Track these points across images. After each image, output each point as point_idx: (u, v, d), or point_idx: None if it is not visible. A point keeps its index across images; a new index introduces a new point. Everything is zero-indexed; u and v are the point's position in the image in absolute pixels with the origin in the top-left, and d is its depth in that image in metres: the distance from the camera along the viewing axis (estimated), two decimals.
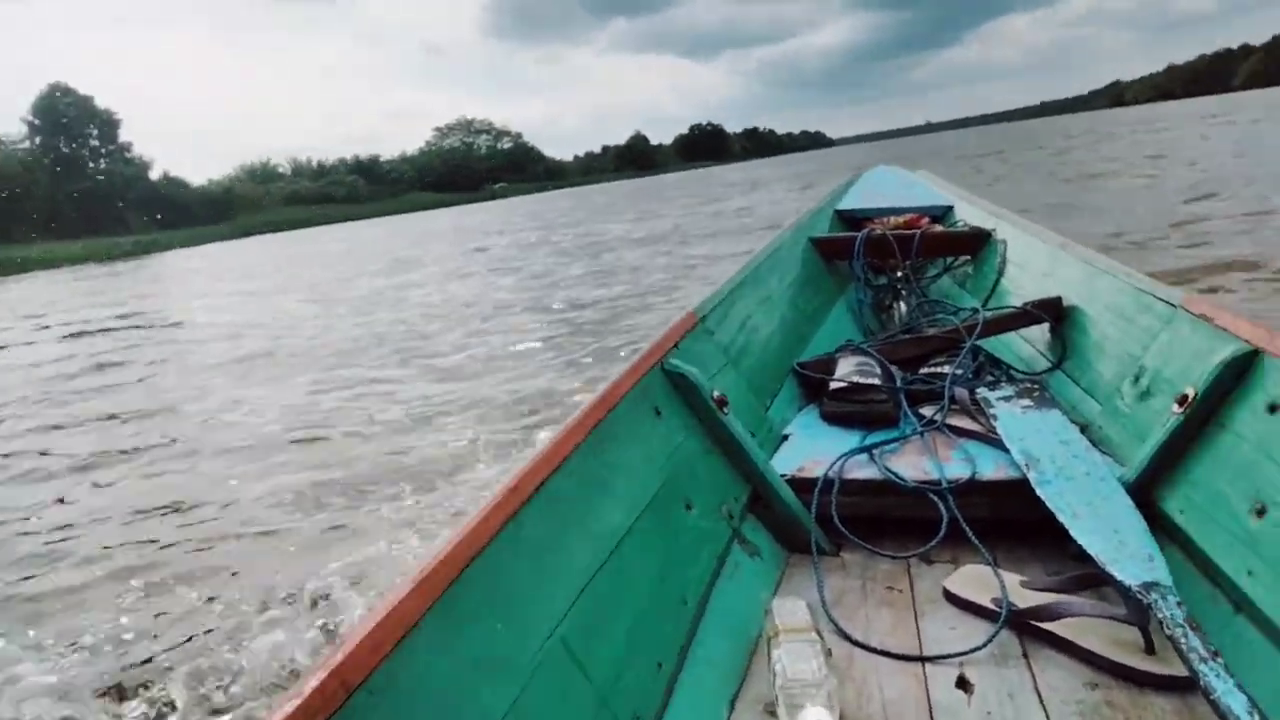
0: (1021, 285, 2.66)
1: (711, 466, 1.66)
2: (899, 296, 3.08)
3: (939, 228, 3.34)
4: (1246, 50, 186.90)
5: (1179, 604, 1.20)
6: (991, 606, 1.39)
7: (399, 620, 0.85)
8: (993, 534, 1.63)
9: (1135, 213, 8.85)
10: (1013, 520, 1.63)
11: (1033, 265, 2.66)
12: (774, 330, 2.41)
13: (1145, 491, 1.51)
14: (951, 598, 1.46)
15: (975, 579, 1.47)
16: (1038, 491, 1.54)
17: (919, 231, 3.12)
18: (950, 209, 3.63)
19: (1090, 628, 1.29)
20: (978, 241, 3.10)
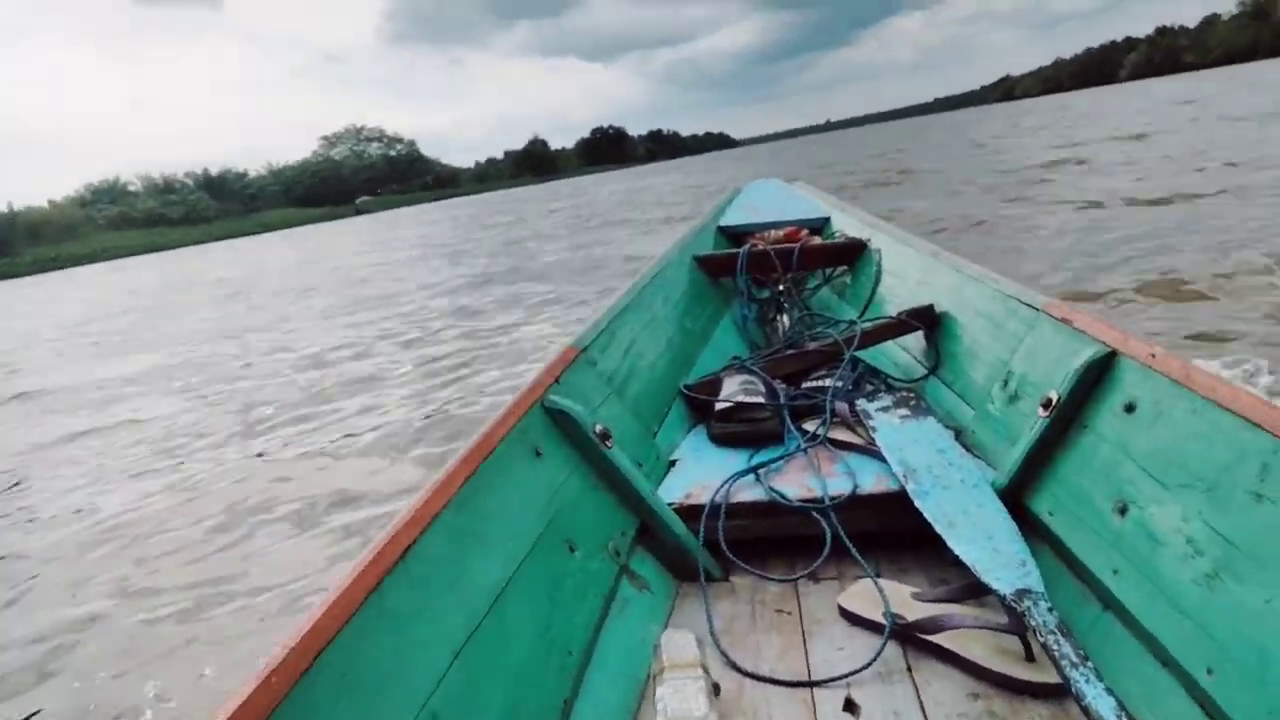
0: (897, 294, 2.74)
1: (597, 503, 1.62)
2: (782, 309, 3.13)
3: (817, 240, 3.42)
4: (1131, 43, 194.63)
5: (1050, 609, 1.23)
6: (883, 621, 1.40)
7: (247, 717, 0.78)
8: (877, 547, 1.65)
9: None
10: (896, 531, 1.66)
11: (907, 274, 2.73)
12: (660, 353, 2.40)
13: (1017, 494, 1.56)
14: (846, 614, 1.47)
15: (867, 594, 1.48)
16: (916, 503, 1.57)
17: (798, 245, 3.17)
18: (828, 220, 3.72)
19: (974, 638, 1.32)
20: (854, 252, 3.18)
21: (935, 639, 1.34)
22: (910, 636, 1.38)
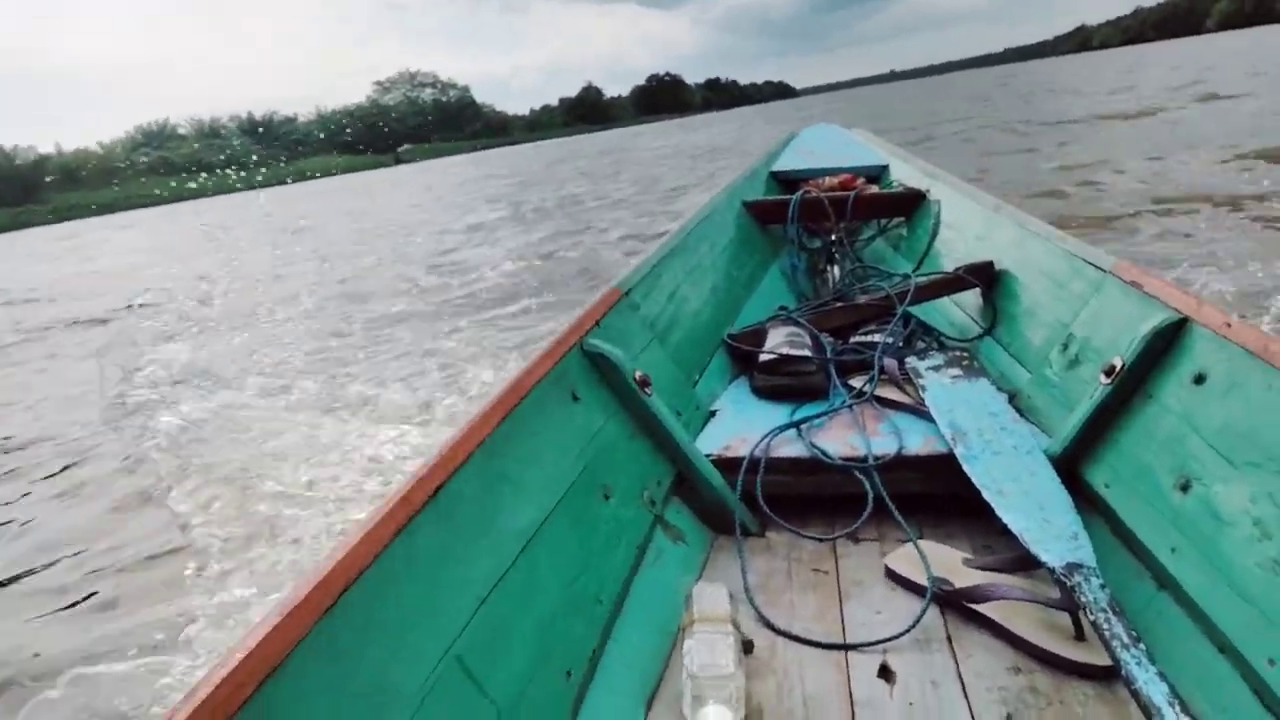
0: (954, 248, 2.63)
1: (633, 450, 1.59)
2: (833, 260, 3.03)
3: (874, 188, 3.30)
4: None
5: (1102, 586, 1.18)
6: (928, 586, 1.35)
7: (266, 655, 0.77)
8: (920, 510, 1.60)
9: None
10: (941, 495, 1.60)
11: (966, 227, 2.62)
12: (704, 301, 2.35)
13: (1072, 464, 1.49)
14: (892, 575, 1.43)
15: (914, 557, 1.43)
16: (964, 467, 1.51)
17: (853, 193, 3.06)
18: (886, 169, 3.59)
19: (1022, 611, 1.27)
20: (912, 203, 3.06)
21: (981, 609, 1.29)
22: (954, 604, 1.33)
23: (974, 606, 1.29)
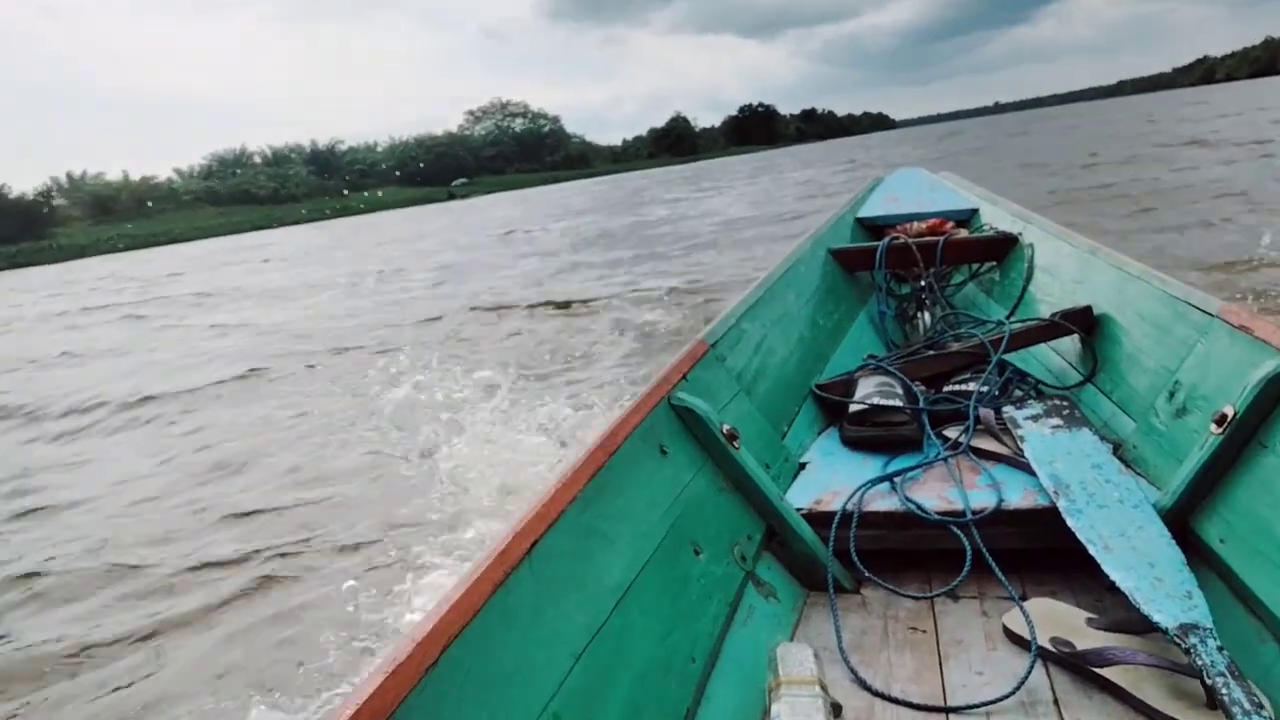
0: (1050, 292, 2.56)
1: (722, 505, 1.60)
2: (923, 306, 2.99)
3: (964, 233, 3.25)
4: None
5: (1220, 649, 1.12)
6: (1049, 647, 1.30)
7: (370, 716, 0.81)
8: (1022, 566, 1.55)
9: None
10: (1042, 551, 1.55)
11: (1062, 271, 2.56)
12: (791, 350, 2.35)
13: (1182, 518, 1.43)
14: (1010, 635, 1.37)
15: (1036, 616, 1.37)
16: (1068, 521, 1.46)
17: (943, 238, 3.03)
18: (975, 212, 3.53)
19: (1143, 675, 1.21)
20: (1004, 246, 3.00)
21: (1104, 673, 1.23)
22: (1063, 664, 1.28)
23: (1099, 671, 1.23)
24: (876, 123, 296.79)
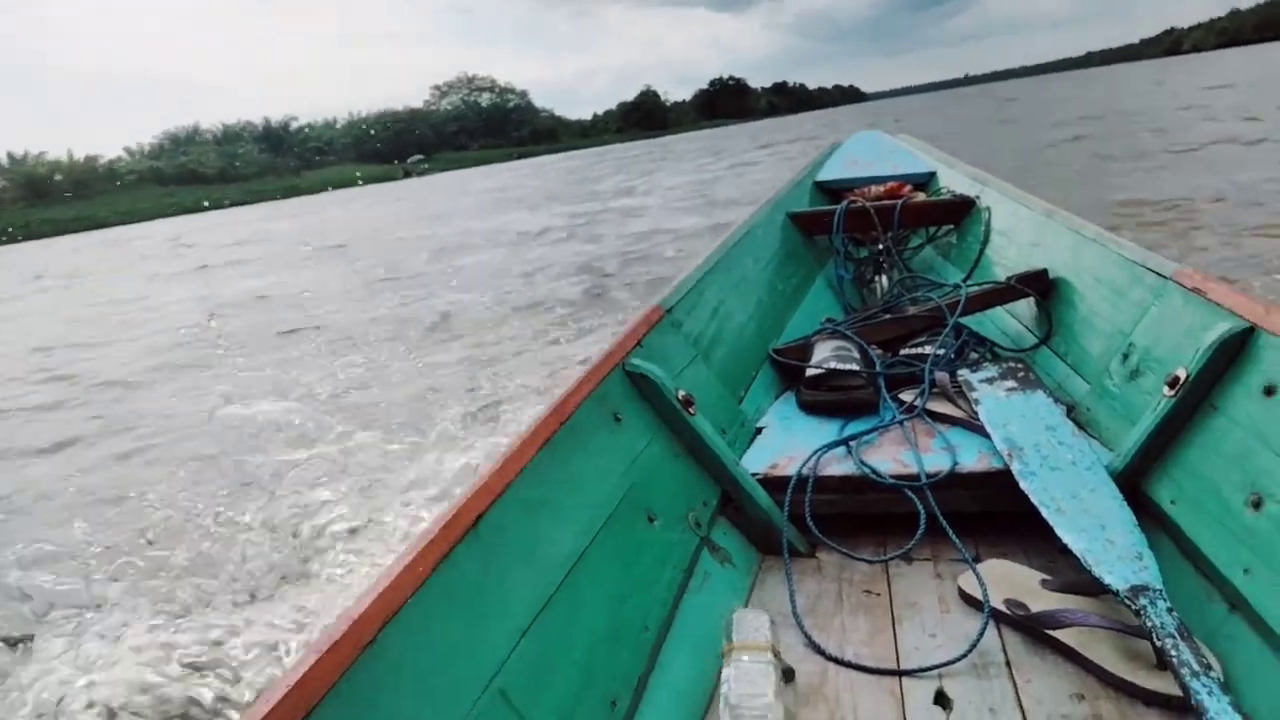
0: (1006, 256, 2.57)
1: (677, 472, 1.57)
2: (881, 269, 2.99)
3: (921, 196, 3.24)
4: None
5: (1169, 610, 1.13)
6: (1003, 609, 1.30)
7: (304, 694, 0.77)
8: (976, 529, 1.55)
9: None
10: (996, 514, 1.55)
11: (1018, 234, 2.56)
12: (749, 315, 2.32)
13: (1134, 480, 1.43)
14: (965, 598, 1.38)
15: (990, 578, 1.37)
16: (1021, 484, 1.46)
17: (900, 201, 3.01)
18: (934, 175, 3.52)
19: (1093, 635, 1.21)
20: (961, 210, 3.00)
21: (1056, 634, 1.23)
22: (1015, 626, 1.28)
23: (1051, 633, 1.24)
24: (848, 95, 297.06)
